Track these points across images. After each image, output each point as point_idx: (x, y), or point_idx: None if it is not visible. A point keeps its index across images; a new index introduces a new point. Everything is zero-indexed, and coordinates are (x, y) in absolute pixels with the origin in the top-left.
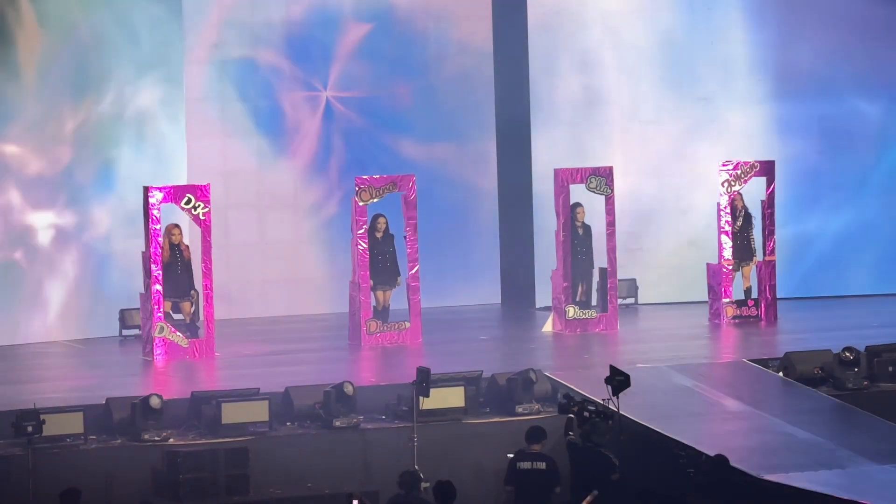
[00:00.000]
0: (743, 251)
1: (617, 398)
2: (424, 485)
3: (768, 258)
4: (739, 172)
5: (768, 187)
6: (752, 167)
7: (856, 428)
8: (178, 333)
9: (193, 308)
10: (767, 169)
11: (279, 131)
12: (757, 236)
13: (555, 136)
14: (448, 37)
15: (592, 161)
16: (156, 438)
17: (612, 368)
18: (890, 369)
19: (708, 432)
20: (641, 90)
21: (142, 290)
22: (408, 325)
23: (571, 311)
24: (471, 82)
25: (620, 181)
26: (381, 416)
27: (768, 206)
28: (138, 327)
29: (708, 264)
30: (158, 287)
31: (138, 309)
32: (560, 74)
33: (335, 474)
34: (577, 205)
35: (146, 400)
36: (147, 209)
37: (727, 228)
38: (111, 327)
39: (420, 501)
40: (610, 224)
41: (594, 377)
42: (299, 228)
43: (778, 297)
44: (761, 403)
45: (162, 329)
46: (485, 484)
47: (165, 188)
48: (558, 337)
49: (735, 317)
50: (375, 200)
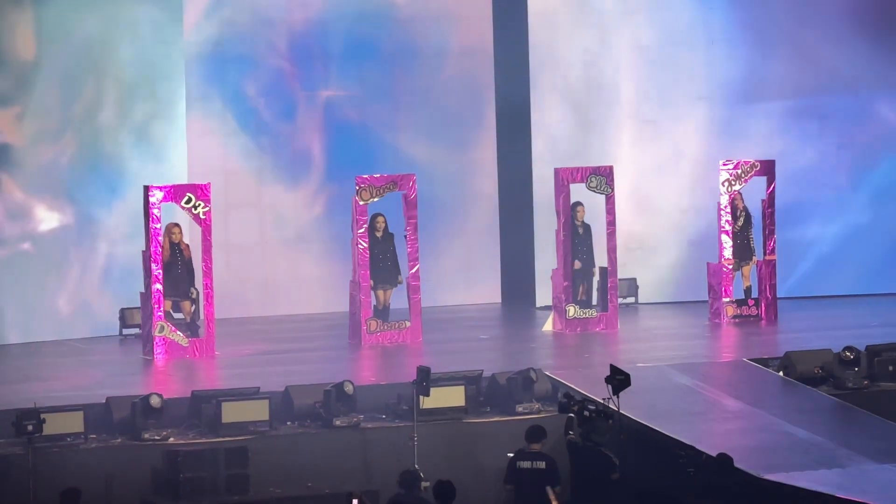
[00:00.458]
0: (742, 251)
1: (617, 397)
2: (425, 484)
3: (768, 257)
4: (740, 172)
5: (768, 187)
6: (753, 166)
7: (856, 427)
8: (179, 333)
9: (194, 307)
10: (768, 168)
11: (279, 130)
12: (756, 236)
13: (555, 136)
14: (448, 36)
15: (593, 160)
16: (156, 438)
17: (613, 368)
18: (890, 369)
19: (708, 432)
20: (642, 89)
21: (142, 290)
22: (408, 325)
23: (572, 311)
24: (471, 82)
25: (621, 180)
26: (382, 416)
27: (769, 206)
28: (139, 326)
29: (708, 264)
30: (159, 286)
31: (139, 308)
32: (560, 74)
33: (335, 474)
34: (578, 204)
35: (146, 399)
36: (147, 208)
37: (727, 228)
38: (111, 326)
39: (420, 501)
40: (610, 223)
41: (594, 376)
42: (299, 228)
43: (778, 297)
44: (761, 403)
45: (162, 328)
46: (485, 483)
47: (166, 187)
48: (558, 336)
49: (735, 316)
50: (376, 200)
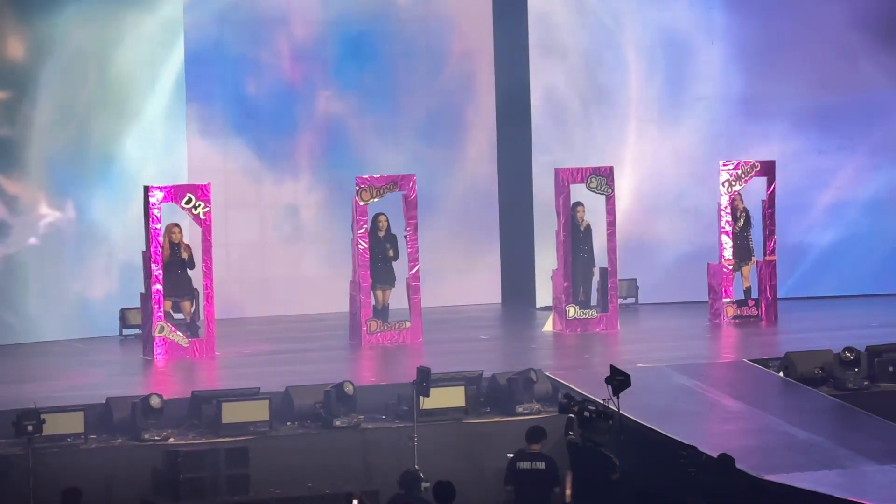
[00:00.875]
0: (742, 251)
1: (617, 398)
2: (425, 484)
3: (768, 258)
4: (740, 172)
5: (769, 187)
6: (753, 167)
7: (856, 428)
8: (179, 333)
9: (194, 307)
10: (768, 169)
11: (279, 131)
12: (755, 236)
13: (555, 136)
14: (448, 37)
15: (593, 161)
16: (156, 438)
17: (613, 368)
18: (890, 369)
19: (708, 432)
20: (642, 89)
21: (142, 290)
22: (408, 325)
23: (572, 311)
24: (471, 82)
25: (621, 181)
26: (382, 416)
27: (769, 206)
28: (139, 327)
29: (708, 264)
30: (159, 286)
31: (139, 308)
32: (561, 74)
33: (335, 474)
34: (578, 204)
35: (146, 399)
36: (147, 209)
37: (727, 228)
38: (111, 327)
39: (420, 501)
40: (610, 224)
41: (594, 377)
42: (299, 228)
43: (778, 297)
44: (761, 403)
45: (162, 328)
46: (485, 484)
47: (166, 188)
48: (559, 337)
49: (735, 317)
50: (376, 200)
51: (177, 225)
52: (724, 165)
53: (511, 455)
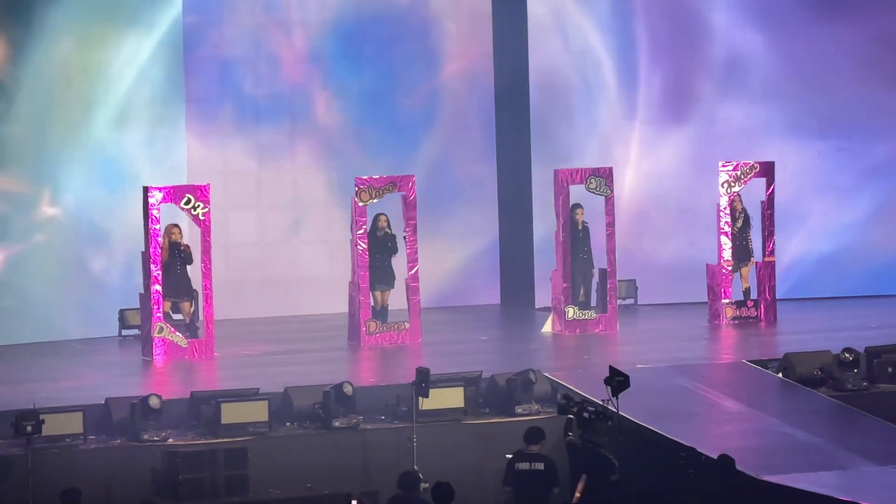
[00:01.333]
0: (741, 252)
1: (616, 399)
2: (424, 485)
3: (768, 259)
4: (739, 173)
5: (768, 188)
6: (752, 168)
7: (855, 429)
8: (178, 333)
9: (193, 308)
10: (767, 170)
11: (279, 131)
12: (755, 237)
13: (555, 136)
14: (449, 37)
15: (592, 161)
16: (155, 438)
17: (612, 369)
18: (889, 370)
19: (707, 433)
20: (642, 90)
21: (141, 291)
22: (407, 326)
23: (571, 312)
24: (471, 82)
25: (620, 181)
26: (381, 417)
27: (768, 207)
28: (138, 327)
29: (707, 265)
30: (158, 287)
31: (138, 309)
32: (560, 74)
33: (334, 475)
34: (577, 206)
35: (146, 400)
36: (147, 209)
37: (727, 229)
38: (111, 327)
39: (419, 502)
40: (609, 225)
41: (593, 378)
42: (299, 228)
43: (777, 298)
44: (761, 404)
45: (161, 329)
46: (484, 484)
47: (165, 188)
48: (558, 338)
49: (734, 318)
50: (375, 201)
51: (176, 225)
52: (724, 167)
53: (510, 456)
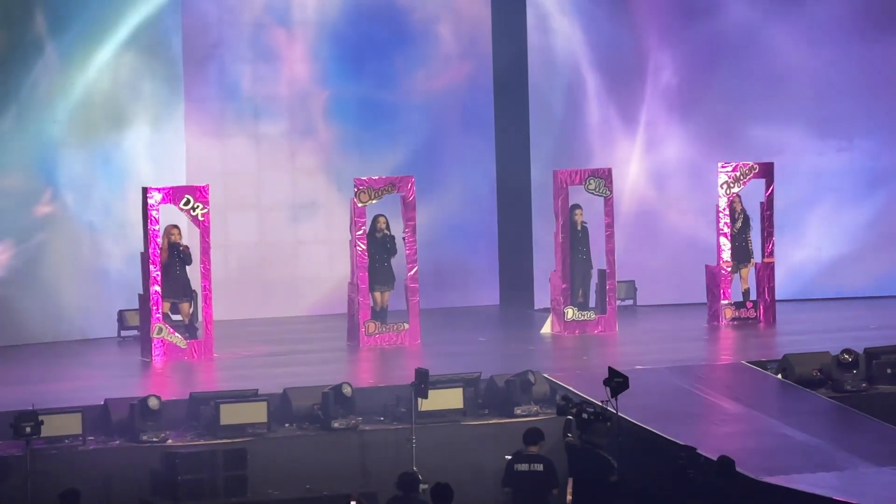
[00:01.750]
0: (741, 253)
1: (615, 400)
2: (423, 486)
3: (767, 260)
4: (738, 174)
5: (767, 189)
6: (751, 169)
7: (854, 430)
8: (177, 334)
9: (192, 309)
10: (766, 171)
11: (278, 131)
12: (754, 238)
13: (554, 137)
14: (448, 37)
15: (592, 162)
16: (154, 439)
17: (611, 370)
18: (888, 371)
19: (706, 434)
20: (641, 90)
21: (140, 291)
22: (406, 327)
23: (570, 313)
24: (470, 82)
25: (619, 182)
26: (380, 418)
27: (767, 209)
28: (137, 328)
29: (707, 266)
30: (157, 288)
31: (137, 310)
32: (560, 74)
33: (334, 476)
34: (576, 206)
35: (145, 401)
36: (146, 210)
37: (726, 230)
38: (110, 328)
39: (419, 503)
40: (609, 225)
41: (593, 379)
42: (298, 229)
43: (777, 299)
44: (760, 405)
45: (160, 330)
46: (483, 485)
47: (164, 189)
48: (557, 338)
49: (734, 318)
50: (374, 202)
51: (175, 226)
52: (723, 168)
53: (509, 457)
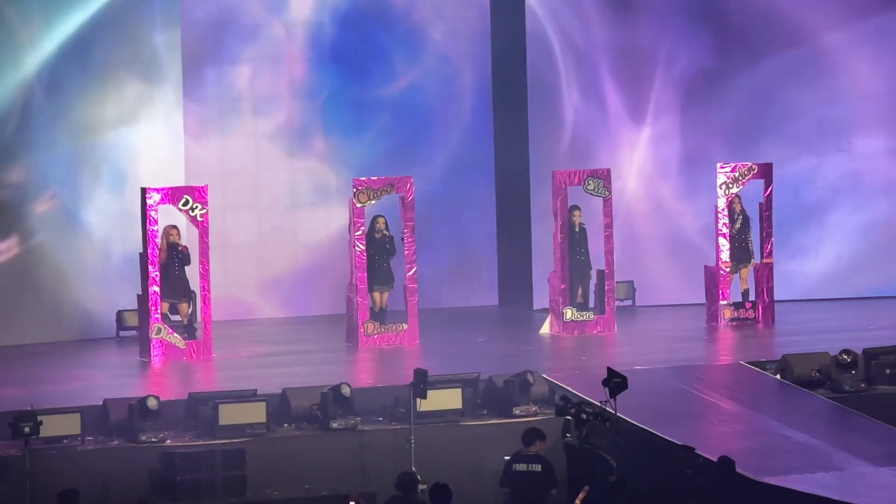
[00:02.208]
0: (741, 253)
1: (614, 400)
2: (422, 486)
3: (766, 260)
4: (737, 175)
5: (766, 189)
6: (750, 169)
7: (853, 430)
8: (176, 335)
9: (191, 309)
10: (765, 171)
11: (277, 132)
12: (754, 238)
13: (553, 137)
14: (447, 37)
15: (591, 163)
16: (153, 439)
17: (610, 370)
18: (887, 372)
19: (705, 434)
20: (640, 90)
21: (139, 292)
22: (405, 327)
23: (569, 313)
24: (469, 83)
25: (618, 183)
26: (379, 418)
27: (766, 209)
28: (136, 328)
29: (705, 266)
30: (156, 288)
31: (136, 310)
32: (558, 75)
33: (332, 476)
34: (575, 207)
35: (143, 401)
36: (145, 210)
37: (725, 231)
38: (109, 328)
39: (417, 503)
40: (608, 226)
41: (592, 379)
42: (297, 229)
43: (775, 300)
44: (758, 406)
45: (159, 330)
46: (482, 486)
47: (163, 189)
48: (556, 339)
49: (732, 319)
50: (373, 202)
51: (174, 227)
52: (722, 168)
53: (508, 457)
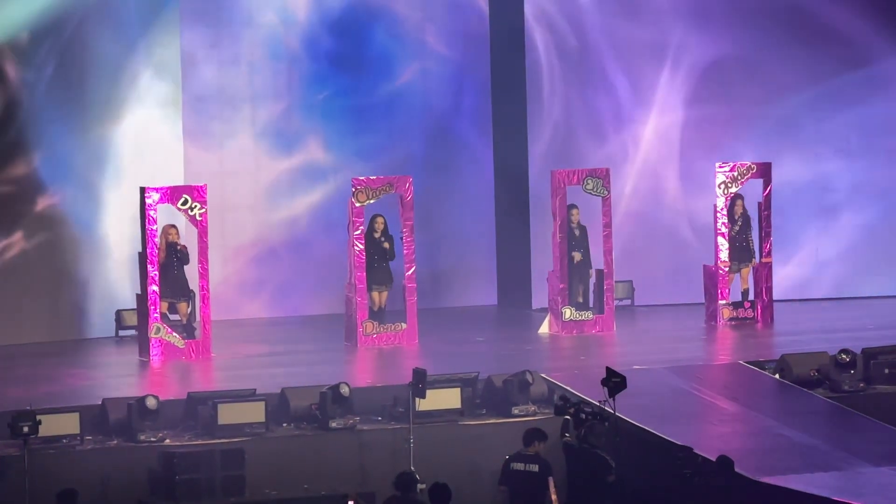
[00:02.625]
0: (741, 253)
1: (613, 400)
2: (421, 486)
3: (765, 260)
4: (736, 174)
5: (765, 189)
6: (749, 169)
7: (852, 430)
8: (175, 334)
9: (190, 309)
10: (764, 171)
11: (276, 132)
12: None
13: (552, 137)
14: (446, 36)
15: (590, 162)
16: (152, 439)
17: (609, 370)
18: (886, 371)
19: (704, 434)
20: (639, 89)
21: (138, 291)
22: (404, 327)
23: (568, 313)
24: (468, 82)
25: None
26: (378, 418)
27: (765, 209)
28: (135, 328)
29: (705, 266)
30: (155, 288)
31: (135, 310)
32: (557, 74)
33: (331, 476)
34: (572, 206)
35: (142, 401)
36: (144, 210)
37: (724, 230)
38: (108, 328)
39: (416, 503)
40: (606, 225)
41: (590, 379)
42: (296, 229)
43: (774, 299)
44: (757, 405)
45: (158, 330)
46: (481, 485)
47: (162, 189)
48: (555, 338)
49: (731, 319)
50: (372, 201)
51: (173, 226)
52: (721, 168)
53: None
